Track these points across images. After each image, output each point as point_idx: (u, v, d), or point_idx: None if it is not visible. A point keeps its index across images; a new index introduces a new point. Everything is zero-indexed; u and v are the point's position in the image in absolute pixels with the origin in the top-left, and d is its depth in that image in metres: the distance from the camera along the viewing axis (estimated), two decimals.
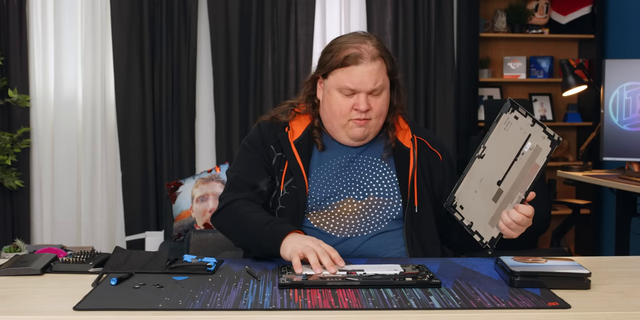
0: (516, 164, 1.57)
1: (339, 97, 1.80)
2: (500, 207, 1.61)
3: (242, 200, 1.77)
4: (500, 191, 1.61)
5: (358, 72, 1.77)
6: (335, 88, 1.80)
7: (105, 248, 4.04)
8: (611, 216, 4.07)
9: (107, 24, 4.04)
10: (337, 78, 1.80)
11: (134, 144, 4.05)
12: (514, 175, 1.58)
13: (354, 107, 1.79)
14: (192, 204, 3.50)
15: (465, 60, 4.32)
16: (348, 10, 4.27)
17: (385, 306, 1.27)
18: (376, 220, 1.80)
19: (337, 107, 1.80)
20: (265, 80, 4.14)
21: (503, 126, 1.63)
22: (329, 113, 1.83)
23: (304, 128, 1.87)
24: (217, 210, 1.80)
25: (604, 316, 1.24)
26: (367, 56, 1.77)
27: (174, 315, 1.23)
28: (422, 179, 1.86)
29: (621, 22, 4.33)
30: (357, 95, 1.78)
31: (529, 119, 1.55)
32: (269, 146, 1.85)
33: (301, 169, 1.81)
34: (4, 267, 1.50)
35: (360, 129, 1.81)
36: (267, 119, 1.93)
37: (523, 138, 1.57)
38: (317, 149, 1.86)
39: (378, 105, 1.80)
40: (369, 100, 1.79)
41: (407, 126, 1.92)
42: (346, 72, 1.78)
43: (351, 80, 1.77)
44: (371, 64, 1.78)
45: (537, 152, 1.53)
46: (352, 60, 1.77)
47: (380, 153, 1.87)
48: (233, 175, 1.85)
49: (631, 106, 3.34)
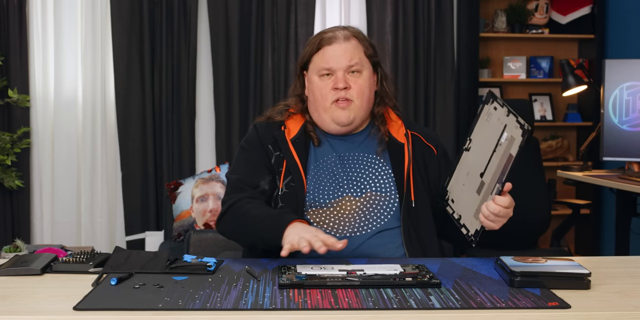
0: (495, 154, 1.57)
1: (318, 81, 1.83)
2: (482, 199, 1.60)
3: (244, 199, 1.77)
4: (482, 183, 1.61)
5: (331, 51, 1.81)
6: (315, 74, 1.84)
7: (105, 248, 4.04)
8: (611, 216, 4.07)
9: (107, 24, 4.04)
10: (314, 63, 1.84)
11: (134, 144, 4.05)
12: (493, 166, 1.58)
13: (333, 86, 1.81)
14: (192, 204, 3.50)
15: (465, 60, 4.32)
16: (348, 10, 4.27)
17: (385, 306, 1.27)
18: (374, 218, 1.80)
19: (318, 91, 1.83)
20: (265, 80, 4.14)
21: (485, 117, 1.64)
22: (313, 101, 1.85)
23: (299, 126, 1.88)
24: (220, 214, 1.80)
25: (604, 316, 1.24)
26: (340, 36, 1.82)
27: (174, 315, 1.23)
28: (417, 174, 1.86)
29: (621, 22, 4.33)
30: (335, 74, 1.81)
31: (505, 109, 1.56)
32: (267, 146, 1.86)
33: (299, 167, 1.81)
34: (4, 267, 1.50)
35: (343, 112, 1.82)
36: (262, 119, 1.94)
37: (500, 128, 1.57)
38: (313, 146, 1.87)
39: (358, 85, 1.82)
40: (347, 79, 1.81)
41: (400, 122, 1.92)
42: (321, 54, 1.82)
43: (326, 60, 1.81)
44: (344, 42, 1.82)
45: (511, 142, 1.52)
46: (326, 41, 1.82)
47: (374, 149, 1.88)
48: (234, 178, 1.84)
49: (631, 106, 3.34)
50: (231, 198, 1.79)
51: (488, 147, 1.59)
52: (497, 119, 1.58)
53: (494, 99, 1.60)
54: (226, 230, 1.81)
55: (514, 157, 1.49)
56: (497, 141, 1.56)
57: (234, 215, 1.76)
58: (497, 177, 1.55)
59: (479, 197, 1.61)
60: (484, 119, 1.64)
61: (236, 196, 1.78)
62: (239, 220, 1.75)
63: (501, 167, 1.53)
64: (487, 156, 1.59)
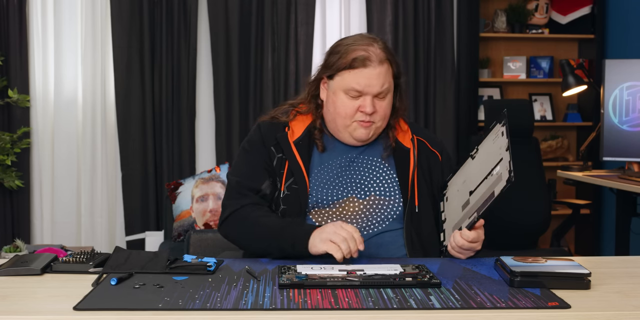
0: (485, 182, 1.59)
1: (345, 98, 1.80)
2: (462, 217, 1.64)
3: (250, 206, 1.77)
4: (468, 202, 1.64)
5: (366, 75, 1.77)
6: (341, 89, 1.80)
7: (105, 248, 4.04)
8: (611, 216, 4.07)
9: (107, 24, 4.04)
10: (343, 80, 1.79)
11: (134, 144, 4.05)
12: (479, 193, 1.61)
13: (360, 109, 1.79)
14: (192, 204, 3.50)
15: (465, 60, 4.32)
16: (348, 10, 4.27)
17: (385, 306, 1.27)
18: (377, 220, 1.81)
19: (342, 108, 1.80)
20: (265, 80, 4.14)
21: (493, 137, 1.64)
22: (334, 114, 1.83)
23: (303, 128, 1.87)
24: (223, 218, 1.79)
25: (604, 316, 1.24)
26: (375, 59, 1.78)
27: (174, 315, 1.23)
28: (422, 179, 1.86)
29: (621, 22, 4.33)
30: (364, 97, 1.79)
31: (507, 141, 1.55)
32: (270, 147, 1.85)
33: (302, 168, 1.81)
34: (4, 267, 1.50)
35: (364, 131, 1.82)
36: (266, 119, 1.93)
37: (497, 159, 1.58)
38: (317, 150, 1.86)
39: (383, 108, 1.81)
40: (374, 103, 1.79)
41: (407, 127, 1.93)
42: (354, 74, 1.78)
43: (358, 82, 1.77)
44: (379, 66, 1.78)
45: (498, 181, 1.54)
46: (360, 62, 1.77)
47: (380, 153, 1.88)
48: (235, 180, 1.84)
49: (631, 106, 3.34)
50: (235, 204, 1.78)
51: (484, 168, 1.61)
52: (499, 148, 1.58)
53: (505, 123, 1.60)
54: (229, 235, 1.81)
55: (494, 196, 1.53)
56: (491, 170, 1.58)
57: (241, 222, 1.76)
58: (477, 207, 1.58)
59: (462, 213, 1.64)
60: (492, 138, 1.64)
61: (240, 202, 1.78)
62: (246, 227, 1.75)
63: (484, 199, 1.57)
64: (481, 177, 1.62)
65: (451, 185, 1.78)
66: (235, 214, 1.77)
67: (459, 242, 1.61)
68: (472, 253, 1.66)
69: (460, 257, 1.66)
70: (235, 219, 1.77)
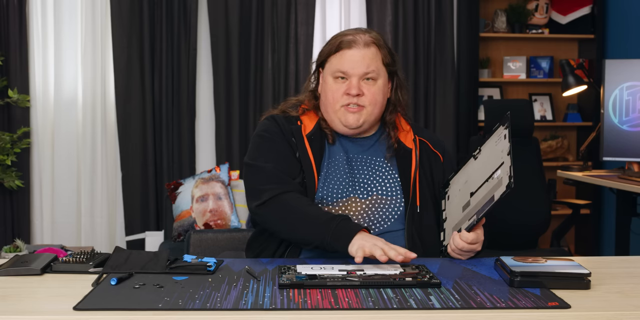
0: (486, 184, 1.59)
1: (333, 83, 1.82)
2: (462, 219, 1.64)
3: (293, 193, 1.72)
4: (468, 203, 1.64)
5: (349, 56, 1.79)
6: (329, 74, 1.83)
7: (105, 248, 4.04)
8: (611, 216, 4.07)
9: (107, 24, 4.04)
10: (331, 64, 1.82)
11: (134, 144, 4.05)
12: (480, 194, 1.60)
13: (346, 91, 1.80)
14: (192, 204, 3.50)
15: (465, 60, 4.32)
16: (348, 10, 4.27)
17: (385, 306, 1.27)
18: (379, 220, 1.81)
19: (330, 93, 1.82)
20: (265, 80, 4.14)
21: (495, 138, 1.64)
22: (325, 101, 1.84)
23: (314, 123, 1.87)
24: (263, 201, 1.72)
25: (604, 316, 1.24)
26: (361, 41, 1.80)
27: (174, 315, 1.23)
28: (424, 180, 1.87)
29: (621, 22, 4.33)
30: (350, 80, 1.80)
31: (509, 145, 1.55)
32: (290, 139, 1.83)
33: (312, 164, 1.80)
34: (4, 267, 1.50)
35: (353, 116, 1.81)
36: (277, 112, 1.90)
37: (498, 162, 1.57)
38: (327, 143, 1.86)
39: (371, 93, 1.81)
40: (361, 86, 1.80)
41: (409, 127, 1.93)
42: (339, 56, 1.81)
43: (343, 64, 1.79)
44: (364, 48, 1.80)
45: (498, 185, 1.54)
46: (346, 44, 1.80)
47: (383, 153, 1.88)
48: (270, 166, 1.77)
49: (631, 106, 3.34)
50: (276, 188, 1.72)
51: (486, 170, 1.61)
52: (501, 151, 1.58)
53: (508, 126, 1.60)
54: (269, 218, 1.74)
55: (494, 201, 1.53)
56: (492, 173, 1.58)
57: (285, 207, 1.70)
58: (477, 210, 1.58)
59: (462, 214, 1.64)
60: (495, 139, 1.64)
61: (283, 187, 1.73)
62: (291, 213, 1.69)
63: (483, 202, 1.57)
64: (482, 179, 1.62)
65: (453, 183, 1.78)
66: (278, 197, 1.71)
67: (459, 244, 1.61)
68: (472, 254, 1.66)
69: (460, 258, 1.66)
70: (278, 202, 1.71)
